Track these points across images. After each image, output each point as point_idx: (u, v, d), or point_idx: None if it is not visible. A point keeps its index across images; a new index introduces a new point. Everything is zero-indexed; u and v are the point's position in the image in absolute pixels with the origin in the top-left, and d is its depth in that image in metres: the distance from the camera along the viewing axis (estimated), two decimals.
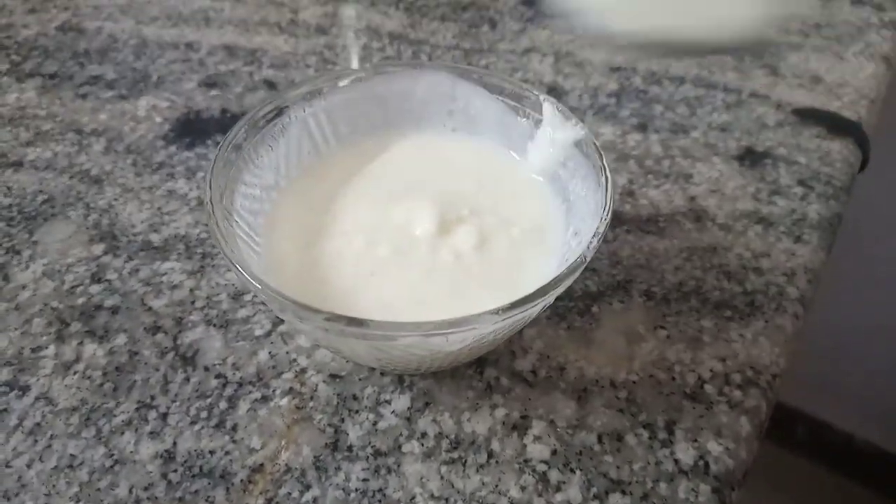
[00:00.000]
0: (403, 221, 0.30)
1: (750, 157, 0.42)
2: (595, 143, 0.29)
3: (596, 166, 0.29)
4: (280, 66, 0.48)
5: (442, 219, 0.30)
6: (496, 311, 0.23)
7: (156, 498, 0.27)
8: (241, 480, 0.27)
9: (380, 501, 0.27)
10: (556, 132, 0.31)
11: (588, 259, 0.25)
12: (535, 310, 0.25)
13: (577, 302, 0.34)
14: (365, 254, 0.29)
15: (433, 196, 0.31)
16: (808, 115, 0.45)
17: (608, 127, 0.43)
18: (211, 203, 0.26)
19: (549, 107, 0.32)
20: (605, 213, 0.27)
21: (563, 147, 0.31)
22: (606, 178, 0.28)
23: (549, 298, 0.25)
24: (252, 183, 0.30)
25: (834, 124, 0.44)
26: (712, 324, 0.33)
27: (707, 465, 0.28)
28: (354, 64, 0.48)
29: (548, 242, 0.30)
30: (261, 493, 0.27)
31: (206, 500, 0.27)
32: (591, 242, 0.25)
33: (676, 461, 0.28)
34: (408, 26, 0.52)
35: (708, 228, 0.37)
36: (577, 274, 0.25)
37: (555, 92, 0.46)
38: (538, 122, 0.32)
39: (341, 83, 0.33)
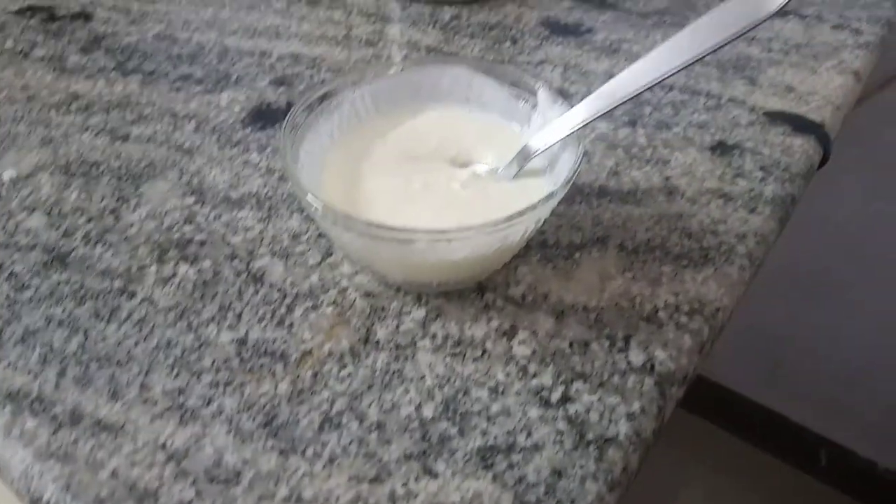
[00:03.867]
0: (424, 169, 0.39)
1: (721, 148, 0.50)
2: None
3: (578, 136, 0.38)
4: (335, 70, 0.58)
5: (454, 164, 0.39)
6: (491, 223, 0.32)
7: (231, 368, 0.36)
8: (295, 359, 0.36)
9: (398, 377, 0.36)
10: (547, 112, 0.40)
11: (559, 195, 0.34)
12: (515, 229, 0.33)
13: (563, 250, 0.42)
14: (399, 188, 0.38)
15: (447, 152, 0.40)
16: (776, 117, 0.53)
17: (603, 123, 0.52)
18: (285, 144, 0.36)
19: (542, 91, 0.41)
20: (577, 164, 0.35)
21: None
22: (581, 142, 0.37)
23: (527, 221, 0.34)
24: (312, 140, 0.40)
25: (799, 124, 0.52)
26: (671, 269, 0.41)
27: (653, 366, 0.36)
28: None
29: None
30: (310, 368, 0.36)
31: (269, 371, 0.36)
32: (564, 180, 0.34)
33: (629, 362, 0.36)
34: (442, 41, 0.62)
35: (677, 201, 0.46)
36: (549, 204, 0.34)
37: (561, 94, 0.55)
38: (535, 105, 0.41)
39: (382, 73, 0.42)
